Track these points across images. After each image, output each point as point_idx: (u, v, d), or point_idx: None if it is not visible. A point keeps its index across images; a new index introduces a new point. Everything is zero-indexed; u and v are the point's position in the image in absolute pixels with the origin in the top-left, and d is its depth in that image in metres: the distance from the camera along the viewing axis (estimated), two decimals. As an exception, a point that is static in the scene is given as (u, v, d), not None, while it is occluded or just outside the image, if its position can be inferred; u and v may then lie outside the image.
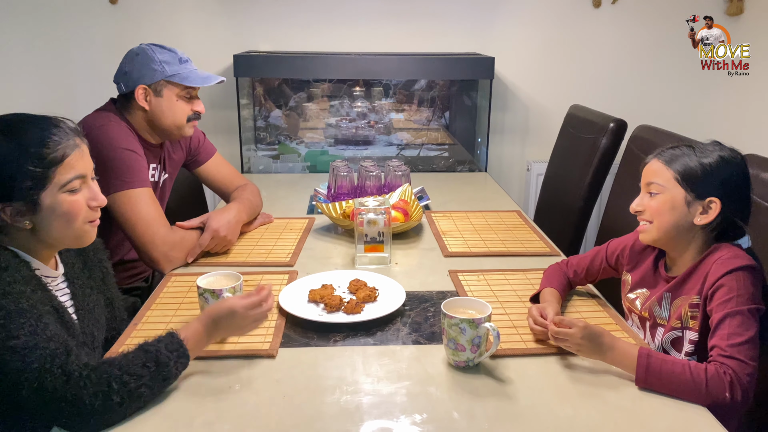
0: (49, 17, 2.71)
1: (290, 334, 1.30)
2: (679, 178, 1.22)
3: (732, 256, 1.18)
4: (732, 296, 1.14)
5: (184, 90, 1.72)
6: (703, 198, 1.21)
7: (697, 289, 1.21)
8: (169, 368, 1.06)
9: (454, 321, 1.14)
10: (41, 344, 0.98)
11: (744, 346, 1.09)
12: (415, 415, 1.04)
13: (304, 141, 2.99)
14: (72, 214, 1.11)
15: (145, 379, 1.02)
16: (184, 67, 1.72)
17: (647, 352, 1.11)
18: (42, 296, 1.08)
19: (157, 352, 1.05)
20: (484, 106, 2.87)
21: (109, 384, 0.99)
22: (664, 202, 1.24)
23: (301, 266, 1.66)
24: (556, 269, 1.48)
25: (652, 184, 1.26)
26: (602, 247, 1.48)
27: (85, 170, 1.14)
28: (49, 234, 1.12)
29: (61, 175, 1.09)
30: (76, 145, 1.12)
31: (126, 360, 1.03)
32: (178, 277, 1.58)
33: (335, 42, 2.88)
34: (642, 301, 1.33)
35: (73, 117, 1.24)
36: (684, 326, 1.24)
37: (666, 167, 1.24)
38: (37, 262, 1.13)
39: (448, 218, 2.05)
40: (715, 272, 1.18)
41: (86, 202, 1.14)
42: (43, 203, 1.08)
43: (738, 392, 1.05)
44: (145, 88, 1.69)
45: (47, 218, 1.10)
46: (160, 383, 1.06)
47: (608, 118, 2.20)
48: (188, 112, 1.75)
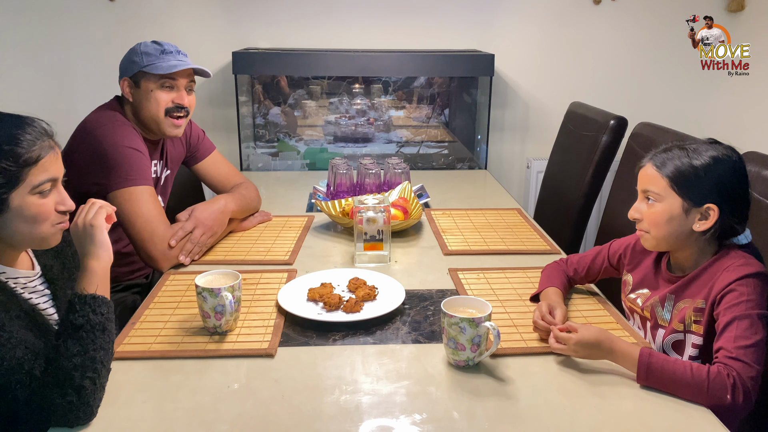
0: (47, 15, 2.70)
1: (289, 333, 1.30)
2: (675, 186, 1.21)
3: (743, 263, 1.18)
4: (742, 300, 1.13)
5: (159, 80, 1.70)
6: (700, 205, 1.20)
7: (703, 294, 1.20)
8: (92, 321, 1.04)
9: (454, 320, 1.13)
10: (6, 355, 0.97)
11: (750, 349, 1.08)
12: (415, 414, 1.03)
13: (303, 138, 2.98)
14: (39, 217, 1.09)
15: (89, 346, 1.01)
16: (161, 58, 1.69)
17: (649, 352, 1.11)
18: (7, 302, 1.06)
19: (72, 322, 1.03)
20: (484, 103, 2.86)
21: (69, 375, 0.98)
22: (662, 213, 1.22)
23: (300, 265, 1.65)
24: (555, 268, 1.47)
25: (648, 191, 1.25)
26: (604, 247, 1.47)
27: (57, 173, 1.11)
28: (12, 236, 1.09)
29: (33, 176, 1.06)
30: (50, 147, 1.10)
31: (63, 347, 1.01)
32: (176, 275, 1.57)
33: (334, 39, 2.87)
34: (643, 301, 1.33)
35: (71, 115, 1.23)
36: (687, 330, 1.23)
37: (660, 175, 1.22)
38: (1, 266, 1.11)
39: (447, 216, 2.04)
40: (726, 278, 1.17)
41: (54, 206, 1.11)
42: (11, 203, 1.06)
43: (740, 394, 1.04)
44: (127, 80, 1.72)
45: (12, 219, 1.07)
46: (102, 336, 1.04)
47: (608, 116, 2.19)
48: (166, 103, 1.71)
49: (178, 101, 1.73)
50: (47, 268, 1.22)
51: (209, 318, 1.26)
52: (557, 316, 1.25)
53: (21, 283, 1.14)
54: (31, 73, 2.75)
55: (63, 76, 2.78)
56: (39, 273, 1.20)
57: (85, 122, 1.69)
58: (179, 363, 1.18)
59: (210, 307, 1.25)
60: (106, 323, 1.06)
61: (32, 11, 2.70)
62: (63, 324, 1.05)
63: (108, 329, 1.07)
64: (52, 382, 0.98)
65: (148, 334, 1.28)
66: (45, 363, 1.00)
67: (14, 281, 1.12)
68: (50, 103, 2.73)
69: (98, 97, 1.87)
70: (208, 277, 1.31)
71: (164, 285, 1.52)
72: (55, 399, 0.97)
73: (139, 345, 1.24)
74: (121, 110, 1.74)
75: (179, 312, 1.38)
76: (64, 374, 0.98)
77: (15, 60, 2.72)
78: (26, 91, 2.74)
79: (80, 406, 0.98)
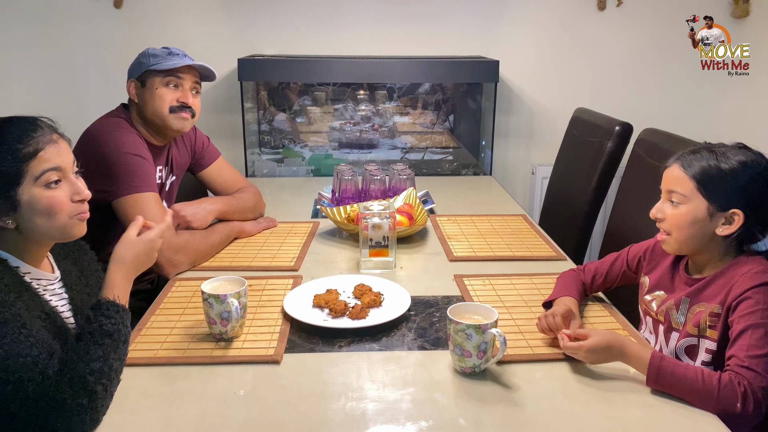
0: (53, 22, 2.72)
1: (295, 339, 1.29)
2: (701, 189, 1.19)
3: (762, 271, 1.16)
4: (758, 309, 1.11)
5: (164, 78, 1.72)
6: (726, 209, 1.18)
7: (719, 299, 1.19)
8: (121, 332, 1.08)
9: (461, 327, 1.13)
10: (23, 352, 0.97)
11: (763, 359, 1.07)
12: (421, 421, 1.03)
13: (309, 145, 2.98)
14: (53, 209, 1.10)
15: (111, 354, 1.04)
16: (167, 58, 1.73)
17: (660, 355, 1.10)
18: (30, 302, 1.07)
19: (101, 327, 1.06)
20: (489, 109, 2.86)
21: (84, 379, 0.99)
22: (686, 215, 1.21)
23: (306, 271, 1.65)
24: (573, 276, 1.46)
25: (673, 192, 1.23)
26: (622, 252, 1.46)
27: (63, 163, 1.12)
28: (34, 231, 1.10)
29: (34, 168, 1.07)
30: (51, 140, 1.11)
31: (83, 350, 1.03)
32: (182, 282, 1.57)
33: (339, 45, 2.88)
34: (658, 304, 1.32)
35: (77, 121, 1.24)
36: (701, 334, 1.22)
37: (687, 176, 1.21)
38: (27, 266, 1.13)
39: (453, 222, 2.04)
40: (743, 284, 1.15)
41: (69, 197, 1.12)
42: (21, 199, 1.07)
43: (750, 404, 1.03)
44: (134, 81, 1.74)
45: (28, 215, 1.09)
46: (122, 347, 1.08)
47: (614, 122, 2.19)
48: (171, 101, 1.73)
49: (183, 100, 1.75)
50: (66, 273, 1.23)
51: (215, 324, 1.26)
52: (572, 326, 1.25)
53: (42, 285, 1.15)
54: (37, 79, 2.77)
55: (69, 82, 2.80)
56: (59, 277, 1.21)
57: (89, 129, 1.70)
58: (185, 369, 1.18)
59: (216, 314, 1.25)
60: (128, 336, 1.12)
61: (38, 18, 2.72)
62: (89, 327, 1.06)
63: (127, 342, 1.11)
64: (67, 382, 0.98)
65: (154, 340, 1.28)
66: (60, 364, 1.00)
67: (37, 282, 1.14)
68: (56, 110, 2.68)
69: (104, 103, 1.88)
70: (214, 283, 1.31)
71: (170, 291, 1.52)
72: (66, 399, 0.97)
73: (145, 351, 1.24)
74: (127, 117, 1.75)
75: (185, 318, 1.38)
76: (80, 376, 0.99)
77: (21, 66, 2.74)
78: (32, 97, 2.75)
79: (89, 411, 0.99)
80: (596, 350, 1.15)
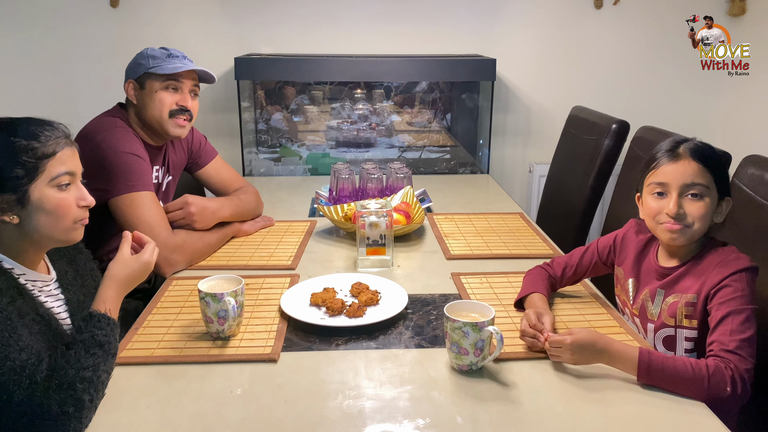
0: (50, 21, 2.72)
1: (292, 338, 1.29)
2: (717, 179, 1.23)
3: (735, 258, 1.21)
4: (737, 296, 1.16)
5: (163, 81, 1.72)
6: (723, 197, 1.24)
7: (695, 288, 1.22)
8: (111, 344, 1.10)
9: (457, 324, 1.13)
10: (12, 356, 0.97)
11: (745, 342, 1.11)
12: (418, 419, 1.03)
13: (306, 143, 2.98)
14: (60, 210, 1.12)
15: (101, 365, 1.05)
16: (167, 61, 1.72)
17: (648, 350, 1.12)
18: (23, 305, 1.07)
19: (93, 337, 1.07)
20: (486, 107, 2.86)
21: (73, 386, 0.99)
22: (709, 206, 1.23)
23: (303, 269, 1.65)
24: (538, 273, 1.46)
25: (695, 185, 1.23)
26: (592, 244, 1.48)
27: (75, 169, 1.15)
28: (36, 230, 1.11)
29: (52, 168, 1.10)
30: (68, 144, 1.14)
31: (74, 357, 1.03)
32: (179, 281, 1.57)
33: (336, 44, 2.87)
34: (633, 295, 1.34)
35: (74, 121, 1.25)
36: (677, 324, 1.24)
37: (705, 168, 1.23)
38: (22, 267, 1.13)
39: (450, 221, 2.04)
40: (719, 273, 1.19)
41: (75, 202, 1.15)
42: (31, 196, 1.09)
43: (738, 386, 1.07)
44: (132, 82, 1.74)
45: (34, 213, 1.10)
46: (111, 360, 1.10)
47: (610, 120, 2.20)
48: (171, 105, 1.73)
49: (182, 103, 1.74)
50: (62, 273, 1.24)
51: (212, 323, 1.26)
52: (546, 323, 1.23)
53: (38, 286, 1.15)
54: (33, 79, 2.76)
55: (66, 82, 2.79)
56: (54, 278, 1.21)
57: (85, 129, 1.70)
58: (182, 368, 1.18)
59: (213, 312, 1.25)
60: (116, 351, 1.13)
61: (35, 18, 2.71)
62: (81, 336, 1.07)
63: (115, 355, 1.12)
64: (55, 388, 0.98)
65: (151, 339, 1.28)
66: (48, 370, 1.00)
67: (32, 284, 1.14)
68: (53, 109, 2.69)
69: (101, 103, 1.88)
70: (211, 282, 1.31)
71: (167, 290, 1.52)
72: (52, 406, 0.96)
73: (142, 350, 1.24)
74: (124, 116, 1.75)
75: (182, 317, 1.38)
76: (69, 383, 0.99)
77: (18, 65, 2.73)
78: (29, 97, 2.75)
79: (73, 420, 0.98)
80: (580, 346, 1.13)
